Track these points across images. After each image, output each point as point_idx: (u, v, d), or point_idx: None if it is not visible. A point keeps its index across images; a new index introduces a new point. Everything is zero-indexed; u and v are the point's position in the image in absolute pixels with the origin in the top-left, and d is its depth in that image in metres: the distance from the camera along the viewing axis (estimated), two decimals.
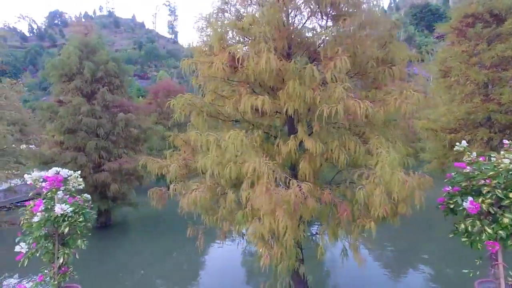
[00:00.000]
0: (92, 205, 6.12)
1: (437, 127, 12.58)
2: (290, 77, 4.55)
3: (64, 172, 5.81)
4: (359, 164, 4.99)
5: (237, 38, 5.06)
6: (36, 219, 5.12)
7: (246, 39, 5.13)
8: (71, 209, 5.32)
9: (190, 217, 5.78)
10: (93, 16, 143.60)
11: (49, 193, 5.59)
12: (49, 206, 5.31)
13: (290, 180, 4.44)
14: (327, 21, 5.03)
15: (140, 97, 36.74)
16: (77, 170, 12.11)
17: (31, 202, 5.35)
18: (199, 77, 5.63)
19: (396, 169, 3.97)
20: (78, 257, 5.68)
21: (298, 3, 4.92)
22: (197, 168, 5.62)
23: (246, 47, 5.09)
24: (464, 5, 12.67)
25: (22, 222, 5.37)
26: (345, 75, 4.53)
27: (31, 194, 5.67)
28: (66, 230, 5.26)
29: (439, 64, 12.70)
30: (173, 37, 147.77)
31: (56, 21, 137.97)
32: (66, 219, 5.30)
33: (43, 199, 5.47)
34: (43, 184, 5.65)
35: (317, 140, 4.81)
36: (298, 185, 4.40)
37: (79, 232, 5.54)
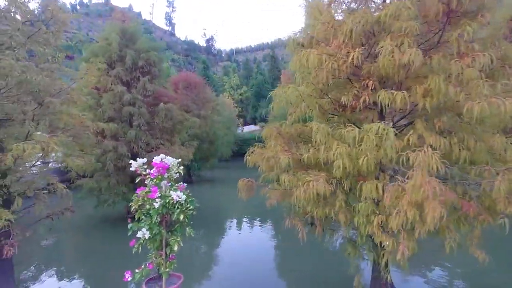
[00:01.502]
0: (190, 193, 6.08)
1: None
2: (428, 72, 4.59)
3: (168, 159, 5.74)
4: (478, 161, 5.08)
5: (366, 32, 5.05)
6: (156, 205, 5.07)
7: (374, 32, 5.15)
8: (184, 197, 5.28)
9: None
10: (88, 4, 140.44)
11: (155, 180, 5.55)
12: (161, 193, 5.27)
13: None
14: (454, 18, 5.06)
15: None
16: (118, 159, 12.01)
17: (146, 188, 5.29)
18: (311, 69, 5.62)
19: None
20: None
21: None
22: (304, 159, 5.67)
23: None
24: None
25: (133, 208, 5.32)
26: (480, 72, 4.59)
27: (137, 180, 5.58)
28: (181, 217, 5.23)
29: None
30: (170, 29, 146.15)
31: (49, 8, 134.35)
32: (178, 206, 5.27)
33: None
34: (149, 170, 5.59)
35: (439, 137, 4.86)
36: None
37: (186, 220, 5.49)
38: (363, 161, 4.56)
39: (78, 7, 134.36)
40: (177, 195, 5.22)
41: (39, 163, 8.21)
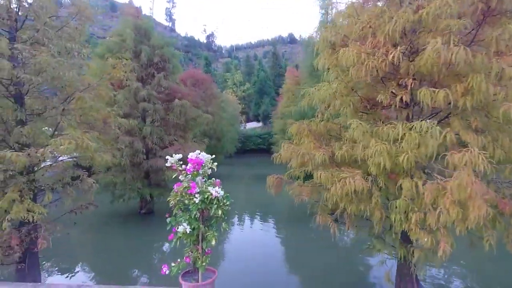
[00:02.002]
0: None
1: None
2: (468, 70, 4.66)
3: (203, 155, 5.78)
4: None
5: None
6: (196, 200, 5.13)
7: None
8: (222, 192, 5.35)
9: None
10: None
11: (190, 175, 5.60)
12: (200, 189, 5.34)
13: None
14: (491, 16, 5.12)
15: None
16: (133, 155, 12.02)
17: (183, 184, 5.35)
18: (345, 67, 5.70)
19: None
20: None
21: None
22: (337, 156, 5.74)
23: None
24: None
25: (171, 203, 5.39)
26: None
27: (174, 175, 5.63)
28: (220, 212, 5.29)
29: None
30: (170, 25, 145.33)
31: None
32: (216, 202, 5.33)
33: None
34: (185, 166, 5.64)
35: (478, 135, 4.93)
36: None
37: (223, 216, 5.54)
38: (404, 159, 4.62)
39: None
40: (216, 191, 5.28)
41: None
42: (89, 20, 8.22)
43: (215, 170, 5.95)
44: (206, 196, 5.22)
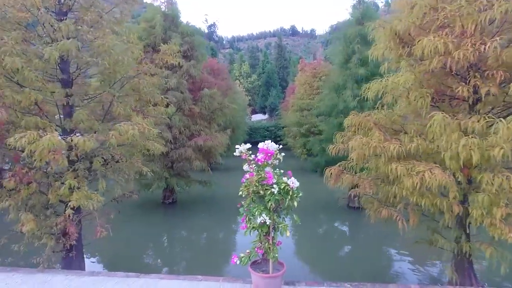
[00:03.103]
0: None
1: None
2: None
3: (272, 145, 5.63)
4: None
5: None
6: (274, 191, 5.00)
7: None
8: (298, 183, 5.22)
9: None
10: None
11: (261, 165, 5.47)
12: (277, 180, 5.21)
13: None
14: None
15: None
16: (162, 145, 11.79)
17: (255, 174, 5.20)
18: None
19: None
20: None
21: None
22: (410, 148, 5.61)
23: None
24: None
25: (244, 193, 5.26)
26: None
27: (244, 167, 5.48)
28: (295, 204, 5.18)
29: None
30: None
31: None
32: (290, 193, 5.19)
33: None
34: (254, 156, 5.50)
35: None
36: None
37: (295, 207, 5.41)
38: (499, 153, 4.50)
39: None
40: (292, 181, 5.15)
41: None
42: (136, 4, 7.97)
43: (281, 161, 5.77)
44: (282, 186, 5.10)
